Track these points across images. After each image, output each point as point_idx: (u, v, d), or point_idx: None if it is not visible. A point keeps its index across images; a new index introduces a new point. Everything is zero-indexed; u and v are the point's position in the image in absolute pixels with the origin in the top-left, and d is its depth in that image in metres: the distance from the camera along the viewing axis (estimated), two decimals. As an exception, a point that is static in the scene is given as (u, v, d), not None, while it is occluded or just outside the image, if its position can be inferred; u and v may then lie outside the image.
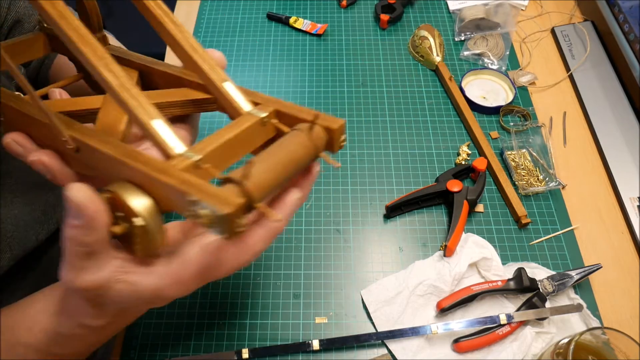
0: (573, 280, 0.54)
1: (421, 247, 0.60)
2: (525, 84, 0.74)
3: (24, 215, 0.53)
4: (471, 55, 0.78)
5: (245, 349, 0.52)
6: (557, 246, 0.60)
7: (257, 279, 0.58)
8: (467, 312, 0.54)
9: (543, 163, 0.65)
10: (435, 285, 0.55)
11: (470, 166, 0.64)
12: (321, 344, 0.52)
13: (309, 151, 0.32)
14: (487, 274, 0.56)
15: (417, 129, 0.70)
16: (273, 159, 0.30)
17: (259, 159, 0.30)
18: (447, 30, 0.82)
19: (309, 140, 0.32)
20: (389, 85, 0.75)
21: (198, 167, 0.30)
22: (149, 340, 0.54)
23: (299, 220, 0.62)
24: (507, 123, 0.70)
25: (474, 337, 0.51)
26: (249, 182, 0.28)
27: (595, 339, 0.45)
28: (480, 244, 0.57)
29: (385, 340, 0.53)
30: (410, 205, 0.63)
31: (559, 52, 0.79)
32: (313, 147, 0.32)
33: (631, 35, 0.68)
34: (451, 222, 0.59)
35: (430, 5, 0.86)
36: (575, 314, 0.53)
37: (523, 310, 0.52)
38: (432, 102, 0.73)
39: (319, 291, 0.57)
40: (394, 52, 0.80)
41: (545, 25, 0.83)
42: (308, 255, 0.59)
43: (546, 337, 0.52)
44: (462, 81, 0.73)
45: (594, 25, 0.80)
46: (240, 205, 0.26)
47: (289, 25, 0.83)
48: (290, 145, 0.31)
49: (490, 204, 0.63)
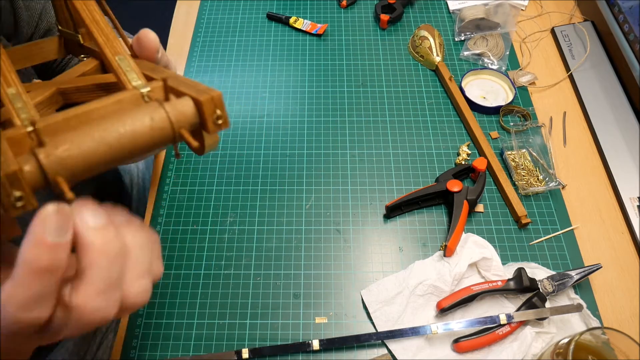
0: (573, 280, 0.54)
1: (421, 247, 0.60)
2: (525, 84, 0.74)
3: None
4: (471, 55, 0.78)
5: (245, 349, 0.52)
6: (557, 246, 0.60)
7: (257, 279, 0.58)
8: (467, 312, 0.54)
9: (543, 163, 0.65)
10: (435, 285, 0.55)
11: (470, 166, 0.64)
12: (321, 344, 0.52)
13: (158, 125, 0.27)
14: (487, 274, 0.56)
15: (417, 129, 0.70)
16: (96, 127, 0.26)
17: (79, 129, 0.26)
18: (447, 30, 0.82)
19: (160, 113, 0.27)
20: (389, 85, 0.75)
21: (31, 138, 0.26)
22: (149, 340, 0.54)
23: (299, 220, 0.62)
24: (507, 123, 0.70)
25: (474, 337, 0.51)
26: (47, 150, 0.24)
27: (595, 339, 0.45)
28: (480, 244, 0.57)
29: (385, 340, 0.53)
30: (410, 205, 0.63)
31: (559, 52, 0.79)
32: (165, 120, 0.27)
33: (631, 35, 0.68)
34: (451, 222, 0.59)
35: (430, 5, 0.86)
36: (575, 314, 0.53)
37: (523, 310, 0.52)
38: (432, 102, 0.73)
39: (319, 291, 0.57)
40: (394, 52, 0.80)
41: (545, 25, 0.83)
42: (308, 255, 0.60)
43: (546, 337, 0.52)
44: (462, 81, 0.73)
45: (594, 25, 0.80)
46: (10, 173, 0.23)
47: (289, 25, 0.83)
48: (128, 115, 0.27)
49: (490, 204, 0.63)
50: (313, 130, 0.70)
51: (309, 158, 0.68)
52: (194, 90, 0.29)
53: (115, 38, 0.33)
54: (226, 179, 0.66)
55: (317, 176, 0.66)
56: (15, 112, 0.28)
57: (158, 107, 0.27)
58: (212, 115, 0.28)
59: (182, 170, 0.67)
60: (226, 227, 0.62)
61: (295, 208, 0.63)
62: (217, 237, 0.61)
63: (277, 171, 0.66)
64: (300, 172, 0.66)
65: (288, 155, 0.68)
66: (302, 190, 0.65)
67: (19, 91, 0.29)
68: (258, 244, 0.60)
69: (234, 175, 0.66)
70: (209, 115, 0.28)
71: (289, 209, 0.63)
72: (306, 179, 0.66)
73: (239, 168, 0.67)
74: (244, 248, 0.60)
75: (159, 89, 0.30)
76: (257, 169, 0.67)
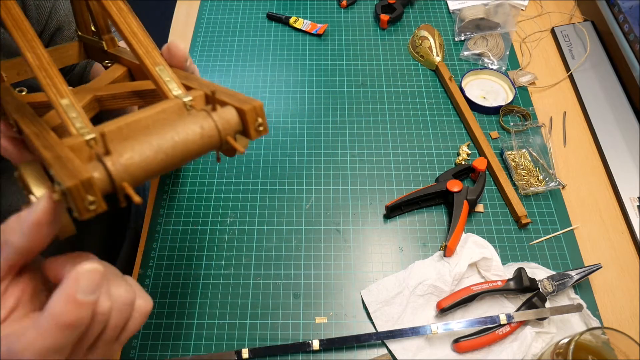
0: (573, 280, 0.54)
1: (421, 247, 0.60)
2: (525, 84, 0.74)
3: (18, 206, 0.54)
4: (471, 55, 0.78)
5: (245, 349, 0.52)
6: (557, 246, 0.60)
7: (257, 279, 0.58)
8: (467, 312, 0.54)
9: (543, 163, 0.65)
10: (435, 285, 0.55)
11: (470, 166, 0.64)
12: (321, 344, 0.52)
13: (208, 133, 0.29)
14: (487, 274, 0.56)
15: (417, 129, 0.70)
16: (154, 138, 0.28)
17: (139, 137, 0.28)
18: (447, 30, 0.82)
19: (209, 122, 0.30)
20: (389, 85, 0.75)
21: (91, 146, 0.28)
22: (149, 340, 0.54)
23: (299, 220, 0.62)
24: (507, 123, 0.70)
25: (474, 337, 0.51)
26: (113, 158, 0.26)
27: (595, 339, 0.45)
28: (480, 244, 0.57)
29: (385, 340, 0.53)
30: (410, 205, 0.63)
31: (559, 52, 0.79)
32: (215, 130, 0.30)
33: (631, 35, 0.68)
34: (451, 222, 0.59)
35: (430, 5, 0.86)
36: (575, 314, 0.53)
37: (523, 310, 0.52)
38: (432, 102, 0.73)
39: (319, 291, 0.57)
40: (394, 52, 0.80)
41: (545, 25, 0.83)
42: (308, 255, 0.60)
43: (546, 337, 0.52)
44: (462, 81, 0.73)
45: (594, 25, 0.80)
46: (85, 180, 0.25)
47: (289, 25, 0.83)
48: (181, 124, 0.29)
49: (490, 204, 0.63)
50: (313, 130, 0.70)
51: (309, 158, 0.68)
52: (235, 99, 0.31)
53: (154, 49, 0.35)
54: (226, 179, 0.66)
55: (317, 176, 0.66)
56: (71, 121, 0.30)
57: (207, 116, 0.30)
58: (254, 122, 0.31)
59: (182, 170, 0.67)
60: (226, 227, 0.62)
61: (295, 208, 0.63)
62: (217, 237, 0.61)
63: (277, 171, 0.66)
64: (300, 172, 0.66)
65: (288, 155, 0.68)
66: (302, 190, 0.65)
67: (72, 101, 0.30)
68: (258, 244, 0.60)
69: (234, 175, 0.66)
70: (252, 123, 0.31)
71: (289, 209, 0.63)
72: (306, 179, 0.66)
73: (239, 168, 0.67)
74: (244, 248, 0.60)
75: (200, 98, 0.32)
76: (257, 169, 0.67)
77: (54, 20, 0.59)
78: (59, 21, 0.60)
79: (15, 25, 0.32)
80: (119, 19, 0.36)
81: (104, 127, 0.29)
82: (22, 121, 0.32)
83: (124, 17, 0.36)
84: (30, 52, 0.32)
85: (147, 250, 0.60)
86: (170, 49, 0.37)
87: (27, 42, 0.32)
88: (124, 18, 0.36)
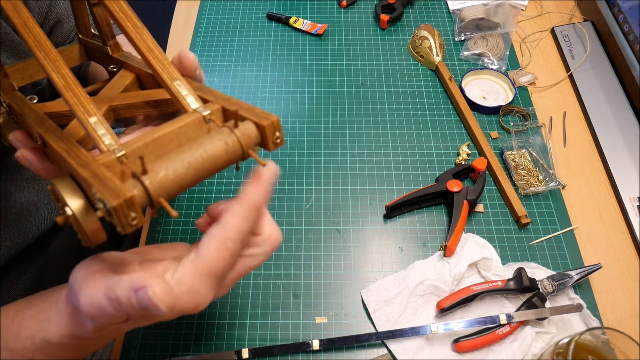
0: (573, 280, 0.54)
1: (421, 247, 0.60)
2: (525, 84, 0.74)
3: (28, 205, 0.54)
4: (471, 55, 0.78)
5: (245, 349, 0.52)
6: (557, 246, 0.60)
7: (257, 279, 0.58)
8: (467, 312, 0.54)
9: (543, 163, 0.65)
10: (435, 285, 0.55)
11: (470, 166, 0.64)
12: (321, 344, 0.52)
13: (232, 148, 0.32)
14: (487, 274, 0.56)
15: (417, 129, 0.70)
16: (185, 155, 0.30)
17: (171, 155, 0.30)
18: (447, 30, 0.82)
19: (231, 137, 0.32)
20: (389, 85, 0.75)
21: (122, 162, 0.30)
22: (149, 340, 0.54)
23: (299, 220, 0.62)
24: (507, 123, 0.70)
25: (474, 337, 0.51)
26: (150, 176, 0.29)
27: (595, 339, 0.45)
28: (480, 244, 0.57)
29: (385, 340, 0.53)
30: (410, 205, 0.63)
31: (558, 52, 0.79)
32: (237, 145, 0.32)
33: (631, 35, 0.68)
34: (451, 222, 0.59)
35: (430, 5, 0.86)
36: (575, 314, 0.53)
37: (523, 310, 0.52)
38: (432, 102, 0.73)
39: (319, 291, 0.57)
40: (394, 52, 0.80)
41: (545, 25, 0.83)
42: (308, 255, 0.59)
43: (546, 337, 0.52)
44: (462, 81, 0.73)
45: (593, 25, 0.80)
46: (128, 199, 0.27)
47: (289, 25, 0.83)
48: (207, 141, 0.31)
49: (490, 204, 0.63)
50: (313, 130, 0.70)
51: (309, 158, 0.68)
52: (254, 114, 0.34)
53: (170, 64, 0.36)
54: (226, 179, 0.66)
55: (317, 176, 0.66)
56: (100, 139, 0.31)
57: (230, 133, 0.32)
58: (273, 136, 0.34)
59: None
60: (226, 227, 0.62)
61: (295, 208, 0.63)
62: (217, 237, 0.61)
63: (277, 171, 0.66)
64: (300, 172, 0.66)
65: (288, 155, 0.68)
66: (302, 190, 0.65)
67: (99, 119, 0.32)
68: (258, 244, 0.60)
69: (233, 175, 0.66)
70: (270, 137, 0.33)
71: (289, 209, 0.63)
72: (306, 179, 0.66)
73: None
74: (244, 248, 0.60)
75: (217, 112, 0.34)
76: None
77: (53, 13, 0.59)
78: (59, 14, 0.60)
79: (38, 46, 0.33)
80: (135, 36, 0.37)
81: (133, 144, 0.31)
82: (48, 136, 0.33)
83: (140, 35, 0.37)
84: (55, 72, 0.32)
85: (147, 250, 0.60)
86: (181, 58, 0.38)
87: (51, 62, 0.33)
88: (140, 35, 0.37)
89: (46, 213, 0.57)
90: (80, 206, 0.29)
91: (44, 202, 0.57)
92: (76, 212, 0.29)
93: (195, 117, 0.33)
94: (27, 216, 0.54)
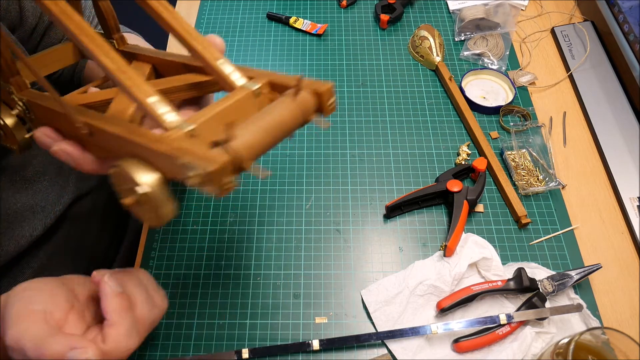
0: (573, 280, 0.54)
1: (421, 247, 0.60)
2: (525, 84, 0.74)
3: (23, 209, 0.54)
4: (471, 55, 0.78)
5: (245, 349, 0.52)
6: (557, 246, 0.60)
7: (257, 279, 0.58)
8: (467, 312, 0.54)
9: (543, 163, 0.65)
10: (435, 285, 0.55)
11: (470, 166, 0.64)
12: (321, 344, 0.52)
13: (296, 114, 0.34)
14: (487, 274, 0.56)
15: (417, 129, 0.70)
16: (259, 122, 0.32)
17: (246, 123, 0.32)
18: (447, 30, 0.82)
19: (295, 104, 0.34)
20: (389, 85, 0.75)
21: (192, 135, 0.31)
22: (149, 340, 0.54)
23: (299, 220, 0.62)
24: (507, 123, 0.70)
25: (474, 337, 0.51)
26: (235, 142, 0.30)
27: (595, 339, 0.45)
28: (480, 244, 0.57)
29: (385, 340, 0.53)
30: (410, 205, 0.63)
31: (558, 52, 0.79)
32: (300, 110, 0.34)
33: (631, 35, 0.68)
34: (451, 222, 0.59)
35: (430, 5, 0.86)
36: (575, 314, 0.53)
37: (523, 310, 0.52)
38: (432, 102, 0.73)
39: (319, 291, 0.57)
40: (394, 52, 0.80)
41: (545, 25, 0.83)
42: (308, 255, 0.59)
43: (546, 337, 0.52)
44: (462, 81, 0.73)
45: (593, 25, 0.80)
46: (224, 163, 0.28)
47: (289, 25, 0.83)
48: (275, 109, 0.33)
49: (490, 204, 0.63)
50: (313, 130, 0.70)
51: (309, 158, 0.68)
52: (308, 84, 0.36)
53: (210, 44, 0.37)
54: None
55: (317, 176, 0.66)
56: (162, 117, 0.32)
57: (292, 101, 0.34)
58: (328, 102, 0.36)
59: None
60: (226, 227, 0.62)
61: (295, 208, 0.63)
62: (217, 237, 0.61)
63: (277, 171, 0.66)
64: (300, 172, 0.66)
65: (288, 155, 0.68)
66: (302, 190, 0.65)
67: (160, 98, 0.32)
68: (258, 244, 0.60)
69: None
70: (326, 102, 0.36)
71: (289, 209, 0.63)
72: (306, 179, 0.66)
73: (239, 168, 0.67)
74: (244, 248, 0.60)
75: (265, 86, 0.36)
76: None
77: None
78: None
79: (82, 32, 0.33)
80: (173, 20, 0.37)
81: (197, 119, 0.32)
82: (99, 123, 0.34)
83: (177, 19, 0.38)
84: (106, 56, 0.33)
85: (147, 250, 0.60)
86: (211, 42, 0.39)
87: (98, 47, 0.33)
88: (176, 20, 0.38)
89: (42, 217, 0.56)
90: (156, 180, 0.31)
91: (40, 205, 0.56)
92: (153, 186, 0.30)
93: (245, 92, 0.35)
94: (20, 221, 0.54)
